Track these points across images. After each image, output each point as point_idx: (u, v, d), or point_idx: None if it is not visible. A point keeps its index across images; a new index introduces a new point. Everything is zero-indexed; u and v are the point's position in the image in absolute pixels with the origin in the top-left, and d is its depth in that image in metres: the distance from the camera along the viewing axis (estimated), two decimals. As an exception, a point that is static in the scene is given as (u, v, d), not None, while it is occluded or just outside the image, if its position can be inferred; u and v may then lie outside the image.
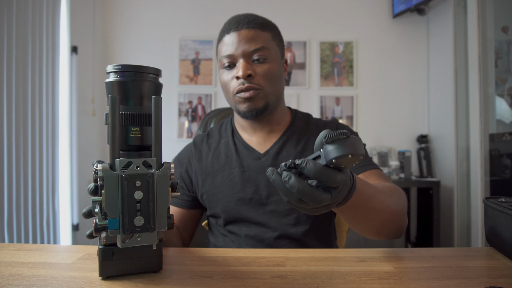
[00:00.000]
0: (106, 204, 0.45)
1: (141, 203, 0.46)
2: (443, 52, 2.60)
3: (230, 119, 0.98)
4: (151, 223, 0.46)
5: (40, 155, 2.08)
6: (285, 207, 0.82)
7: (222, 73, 0.87)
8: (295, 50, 2.89)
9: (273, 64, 0.84)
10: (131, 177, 0.45)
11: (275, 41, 0.87)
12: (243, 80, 0.81)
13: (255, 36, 0.82)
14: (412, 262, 0.62)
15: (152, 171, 0.47)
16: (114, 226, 0.45)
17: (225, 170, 0.87)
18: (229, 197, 0.85)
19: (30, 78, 1.99)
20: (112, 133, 0.46)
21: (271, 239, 0.81)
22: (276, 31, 0.89)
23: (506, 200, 0.67)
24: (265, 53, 0.83)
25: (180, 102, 2.89)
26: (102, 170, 0.45)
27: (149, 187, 0.46)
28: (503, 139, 1.94)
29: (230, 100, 0.87)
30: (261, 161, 0.86)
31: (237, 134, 0.93)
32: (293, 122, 0.93)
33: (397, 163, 2.61)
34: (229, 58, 0.83)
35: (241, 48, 0.81)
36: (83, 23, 2.59)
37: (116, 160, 0.46)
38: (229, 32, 0.83)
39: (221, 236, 0.88)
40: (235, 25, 0.83)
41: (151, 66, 0.51)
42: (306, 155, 0.86)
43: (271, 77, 0.83)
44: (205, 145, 0.94)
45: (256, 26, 0.83)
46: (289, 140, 0.89)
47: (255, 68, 0.82)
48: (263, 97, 0.83)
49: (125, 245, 0.46)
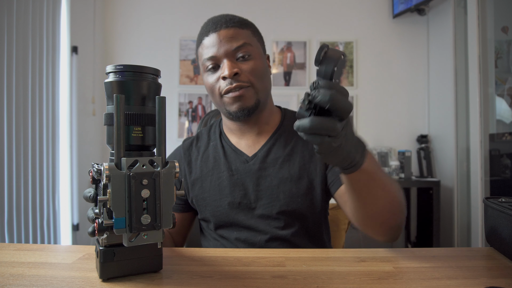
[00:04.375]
0: (112, 203, 0.44)
1: (147, 201, 0.46)
2: (443, 52, 2.60)
3: (218, 122, 0.97)
4: (157, 221, 0.46)
5: (40, 155, 2.08)
6: (274, 210, 0.81)
7: (206, 77, 0.84)
8: (295, 50, 2.89)
9: (257, 60, 0.83)
10: (138, 176, 0.45)
11: (255, 37, 0.85)
12: (230, 79, 0.79)
13: (235, 34, 0.81)
14: (412, 262, 0.62)
15: (159, 169, 0.47)
16: (120, 225, 0.45)
17: (214, 174, 0.86)
18: (218, 201, 0.84)
19: (30, 78, 1.99)
20: (117, 132, 0.46)
21: (262, 242, 0.80)
22: (254, 28, 0.87)
23: (506, 200, 0.67)
24: (248, 50, 0.81)
25: (180, 102, 2.89)
26: (108, 169, 0.44)
27: (156, 185, 0.46)
28: (503, 139, 1.94)
29: (218, 103, 0.85)
30: (249, 165, 0.85)
31: (225, 137, 0.91)
32: (282, 123, 0.91)
33: (397, 163, 2.61)
34: (212, 60, 0.81)
35: (223, 48, 0.80)
36: (83, 23, 2.59)
37: (122, 159, 0.46)
38: (208, 34, 0.82)
39: (212, 240, 0.88)
40: (213, 26, 0.82)
41: (151, 67, 0.51)
42: (295, 156, 0.85)
43: (258, 73, 0.82)
44: (195, 148, 0.93)
45: (235, 24, 0.82)
46: (277, 141, 0.87)
47: (241, 66, 0.80)
48: (253, 95, 0.81)
49: (132, 244, 0.46)
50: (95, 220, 0.50)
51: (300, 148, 0.85)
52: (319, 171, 0.83)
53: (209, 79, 0.83)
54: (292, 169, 0.83)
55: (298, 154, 0.85)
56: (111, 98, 0.50)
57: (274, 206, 0.81)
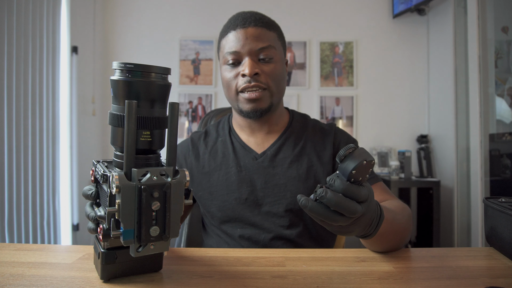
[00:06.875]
0: (122, 215, 0.43)
1: (157, 213, 0.44)
2: (443, 52, 2.60)
3: (227, 118, 0.97)
4: (166, 232, 0.45)
5: (40, 155, 2.08)
6: (280, 208, 0.82)
7: (224, 70, 0.85)
8: (295, 50, 2.89)
9: (278, 64, 0.84)
10: (149, 188, 0.43)
11: (280, 41, 0.87)
12: (249, 78, 0.80)
13: (262, 34, 0.81)
14: (412, 262, 0.62)
15: (169, 180, 0.45)
16: (129, 237, 0.44)
17: (222, 169, 0.87)
18: (225, 196, 0.84)
19: (30, 78, 1.99)
20: (127, 140, 0.43)
21: (267, 240, 0.81)
22: (280, 32, 0.88)
23: (506, 200, 0.67)
24: (271, 53, 0.82)
25: (180, 102, 2.88)
26: (118, 179, 0.43)
27: (166, 197, 0.45)
28: (503, 139, 1.94)
29: (232, 99, 0.86)
30: (258, 162, 0.86)
31: (234, 133, 0.92)
32: (291, 124, 0.92)
33: (397, 163, 2.60)
34: (234, 55, 0.81)
35: (248, 46, 0.80)
36: (83, 23, 2.59)
37: (133, 170, 0.44)
38: (235, 29, 0.82)
39: (215, 237, 0.88)
40: (242, 22, 0.82)
41: (161, 66, 0.48)
42: (304, 158, 0.86)
43: (276, 77, 0.83)
44: (203, 143, 0.93)
45: (263, 25, 0.82)
46: (286, 141, 0.88)
47: (262, 67, 0.81)
48: (268, 98, 0.83)
49: (139, 254, 0.45)
50: (95, 219, 0.49)
51: (309, 150, 0.87)
52: (326, 174, 0.84)
53: (227, 74, 0.84)
54: (300, 169, 0.84)
55: (307, 155, 0.86)
56: (118, 97, 0.47)
57: (280, 204, 0.82)
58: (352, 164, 0.45)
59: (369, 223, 0.51)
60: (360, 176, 0.46)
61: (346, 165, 0.46)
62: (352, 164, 0.45)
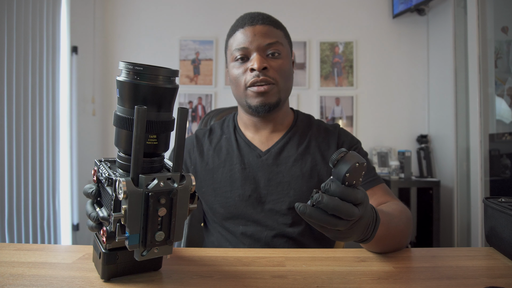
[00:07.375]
0: (128, 220, 0.43)
1: (163, 219, 0.45)
2: (443, 52, 2.60)
3: (232, 116, 0.99)
4: (171, 237, 0.46)
5: (40, 155, 2.08)
6: (283, 206, 0.82)
7: (232, 67, 0.86)
8: (295, 50, 2.89)
9: (285, 60, 0.85)
10: (156, 195, 0.43)
11: (286, 39, 0.89)
12: (257, 72, 0.81)
13: (270, 31, 0.84)
14: (412, 262, 0.62)
15: (176, 186, 0.45)
16: (134, 241, 0.44)
17: (226, 166, 0.88)
18: (228, 193, 0.85)
19: (30, 78, 1.99)
20: (135, 146, 0.43)
21: (269, 238, 0.81)
22: (286, 32, 0.90)
23: (506, 200, 0.67)
24: (279, 48, 0.84)
25: (180, 102, 2.88)
26: (126, 185, 0.43)
27: (173, 203, 0.45)
28: (503, 139, 1.94)
29: (240, 95, 0.86)
30: (262, 159, 0.87)
31: (239, 131, 0.93)
32: (296, 123, 0.93)
33: (397, 163, 2.61)
34: (242, 50, 0.83)
35: (256, 42, 0.82)
36: (83, 23, 2.59)
37: (141, 176, 0.44)
38: (244, 27, 0.84)
39: (216, 234, 0.88)
40: (250, 20, 0.84)
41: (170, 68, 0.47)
42: (308, 156, 0.87)
43: (284, 73, 0.84)
44: (207, 140, 0.94)
45: (271, 23, 0.85)
46: (291, 140, 0.89)
47: (270, 62, 0.83)
48: (276, 93, 0.84)
49: (143, 258, 0.45)
50: (96, 220, 0.49)
51: (313, 149, 0.88)
52: (329, 173, 0.85)
53: (235, 70, 0.85)
54: (304, 168, 0.85)
55: (311, 154, 0.87)
56: (124, 99, 0.46)
57: (284, 201, 0.82)
58: (345, 167, 0.46)
59: (366, 227, 0.52)
60: (354, 179, 0.47)
61: (340, 169, 0.46)
62: (345, 167, 0.46)
